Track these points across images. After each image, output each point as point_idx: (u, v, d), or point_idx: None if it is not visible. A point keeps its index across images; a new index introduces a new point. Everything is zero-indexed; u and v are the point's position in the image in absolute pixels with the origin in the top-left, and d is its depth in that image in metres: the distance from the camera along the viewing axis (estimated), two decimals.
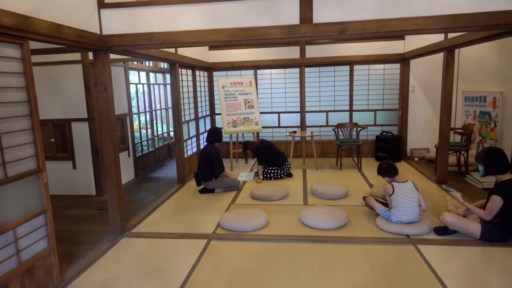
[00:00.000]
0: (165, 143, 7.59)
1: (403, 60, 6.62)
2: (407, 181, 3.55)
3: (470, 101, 5.59)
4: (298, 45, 6.83)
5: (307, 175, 5.78)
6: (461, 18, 2.93)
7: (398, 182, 3.54)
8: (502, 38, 3.50)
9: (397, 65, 6.77)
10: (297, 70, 7.02)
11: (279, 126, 7.26)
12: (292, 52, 6.87)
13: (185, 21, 3.28)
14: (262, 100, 7.19)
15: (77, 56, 4.70)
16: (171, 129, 7.70)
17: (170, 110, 7.67)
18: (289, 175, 5.71)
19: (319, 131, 7.08)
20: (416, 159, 6.68)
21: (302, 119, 7.10)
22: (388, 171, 3.62)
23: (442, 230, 3.34)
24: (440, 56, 5.27)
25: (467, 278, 2.61)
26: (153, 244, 3.36)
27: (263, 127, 6.91)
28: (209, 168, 4.84)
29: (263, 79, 7.19)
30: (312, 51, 6.81)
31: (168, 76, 7.48)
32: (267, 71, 7.15)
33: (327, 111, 7.08)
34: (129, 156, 5.77)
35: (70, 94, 4.84)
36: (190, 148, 6.13)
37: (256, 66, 7.06)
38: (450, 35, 4.40)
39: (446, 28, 3.02)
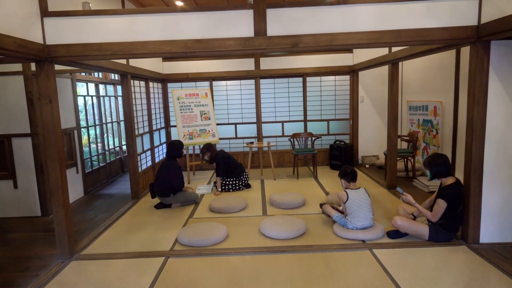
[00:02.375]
0: (117, 157, 7.26)
1: (352, 72, 6.95)
2: (359, 188, 3.69)
3: (414, 110, 5.98)
4: (253, 57, 6.93)
5: (265, 185, 5.81)
6: (404, 33, 3.14)
7: (352, 189, 3.67)
8: (440, 52, 3.80)
9: (347, 77, 7.09)
10: (252, 81, 7.10)
11: (236, 137, 7.26)
12: (247, 64, 6.95)
13: (137, 31, 3.19)
14: (218, 111, 7.16)
15: (18, 67, 4.38)
16: (123, 142, 7.39)
17: (122, 123, 7.37)
18: (248, 186, 5.70)
19: (276, 141, 7.18)
20: (367, 166, 6.99)
21: (259, 130, 7.17)
22: (347, 174, 3.73)
23: (394, 234, 3.50)
24: (385, 69, 5.61)
25: (420, 278, 2.75)
26: (105, 266, 3.16)
27: (220, 139, 6.87)
28: (168, 184, 4.69)
29: (219, 90, 7.18)
30: (267, 63, 6.94)
31: (119, 87, 7.21)
32: (223, 82, 7.15)
33: (282, 122, 7.21)
34: (77, 172, 5.43)
35: (10, 107, 4.48)
36: (145, 162, 5.91)
37: (211, 77, 7.04)
38: (394, 49, 4.70)
39: (391, 43, 3.23)
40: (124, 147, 7.35)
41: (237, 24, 3.20)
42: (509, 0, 2.74)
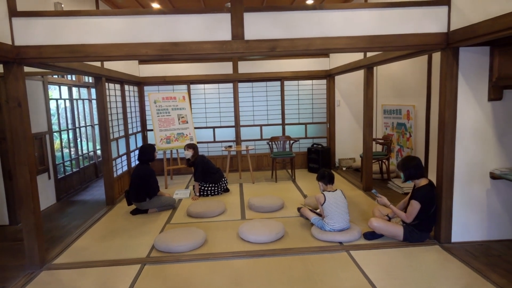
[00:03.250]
0: (91, 162, 7.05)
1: (329, 76, 7.07)
2: (336, 190, 3.74)
3: (388, 114, 6.14)
4: (231, 61, 6.92)
5: (243, 189, 5.80)
6: (377, 39, 3.23)
7: (329, 191, 3.71)
8: (412, 57, 3.92)
9: (324, 81, 7.21)
10: (230, 85, 7.08)
11: (214, 141, 7.21)
12: (225, 68, 6.93)
13: (112, 34, 3.12)
14: (196, 115, 7.10)
15: None
16: (98, 147, 7.19)
17: (96, 127, 7.18)
18: (226, 190, 5.67)
19: (254, 145, 7.18)
20: (344, 168, 7.10)
21: (237, 134, 7.15)
22: (324, 177, 3.77)
23: (371, 235, 3.57)
24: (361, 73, 5.73)
25: (395, 278, 2.81)
26: (79, 275, 3.05)
27: (198, 142, 6.80)
28: (143, 189, 4.60)
29: (197, 94, 7.12)
30: (245, 67, 6.95)
31: (93, 90, 7.02)
32: (201, 86, 7.10)
33: (261, 125, 7.23)
34: (49, 178, 5.23)
35: None
36: (120, 167, 5.77)
37: (189, 81, 6.97)
38: (369, 54, 4.81)
39: (365, 48, 3.30)
40: (99, 152, 7.16)
41: (215, 28, 3.19)
42: (475, 10, 2.87)
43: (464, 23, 3.00)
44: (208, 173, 5.43)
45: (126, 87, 6.20)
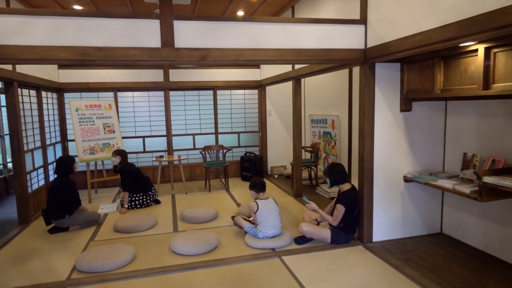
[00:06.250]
0: (1, 176, 6.27)
1: (260, 86, 7.26)
2: (268, 198, 3.83)
3: (315, 123, 6.49)
4: (161, 69, 6.73)
5: (176, 200, 5.63)
6: (304, 52, 3.41)
7: (261, 199, 3.78)
8: (335, 70, 4.21)
9: (255, 91, 7.38)
10: (161, 93, 6.88)
11: (144, 151, 6.90)
12: (156, 75, 6.72)
13: (25, 34, 2.83)
14: (124, 124, 6.75)
15: None
16: (8, 159, 6.42)
17: (7, 137, 6.41)
18: (157, 201, 5.45)
19: (187, 154, 7.04)
20: (276, 176, 7.30)
21: (169, 143, 6.95)
22: (256, 185, 3.84)
23: (301, 239, 3.71)
24: (290, 84, 5.99)
25: (324, 280, 2.95)
26: None
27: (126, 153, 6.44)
28: (62, 204, 4.20)
29: (125, 102, 6.78)
30: (177, 75, 6.81)
31: (3, 97, 6.28)
32: (129, 93, 6.78)
33: (193, 134, 7.12)
34: None
35: None
36: (36, 181, 5.22)
37: (116, 88, 6.61)
38: (297, 66, 5.06)
39: (293, 60, 3.47)
40: (10, 165, 6.39)
41: (143, 34, 3.08)
42: (386, 30, 3.20)
43: (379, 41, 3.31)
44: (136, 183, 5.18)
45: (44, 93, 5.66)
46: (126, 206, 5.10)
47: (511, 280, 2.89)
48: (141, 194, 5.22)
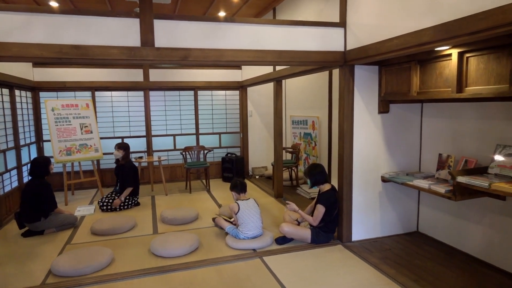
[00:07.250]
0: None
1: (241, 87, 7.26)
2: (249, 198, 3.84)
3: (296, 124, 6.55)
4: (141, 68, 6.63)
5: (156, 201, 5.55)
6: (285, 54, 3.43)
7: (242, 200, 3.79)
8: (316, 72, 4.27)
9: (237, 92, 7.37)
10: (141, 93, 6.77)
11: None
12: (135, 75, 6.61)
13: None
14: (102, 124, 6.60)
15: None
16: None
17: None
18: (137, 204, 5.36)
19: (167, 155, 6.96)
20: (257, 176, 7.32)
21: (149, 144, 6.85)
22: (237, 186, 3.85)
23: (282, 240, 3.73)
24: (271, 85, 6.01)
25: (304, 279, 2.97)
26: None
27: (104, 154, 6.31)
28: (37, 207, 4.07)
29: (103, 101, 6.63)
30: (157, 75, 6.72)
31: None
32: (108, 93, 6.64)
33: (174, 135, 7.04)
34: None
35: None
36: (8, 183, 5.03)
37: (94, 87, 6.46)
38: (278, 68, 5.09)
39: (273, 61, 3.49)
40: None
41: (122, 32, 3.02)
42: (364, 33, 3.27)
43: (358, 44, 3.38)
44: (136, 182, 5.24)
45: (17, 92, 5.47)
46: (123, 198, 5.10)
47: (482, 276, 3.00)
48: (131, 197, 5.25)
